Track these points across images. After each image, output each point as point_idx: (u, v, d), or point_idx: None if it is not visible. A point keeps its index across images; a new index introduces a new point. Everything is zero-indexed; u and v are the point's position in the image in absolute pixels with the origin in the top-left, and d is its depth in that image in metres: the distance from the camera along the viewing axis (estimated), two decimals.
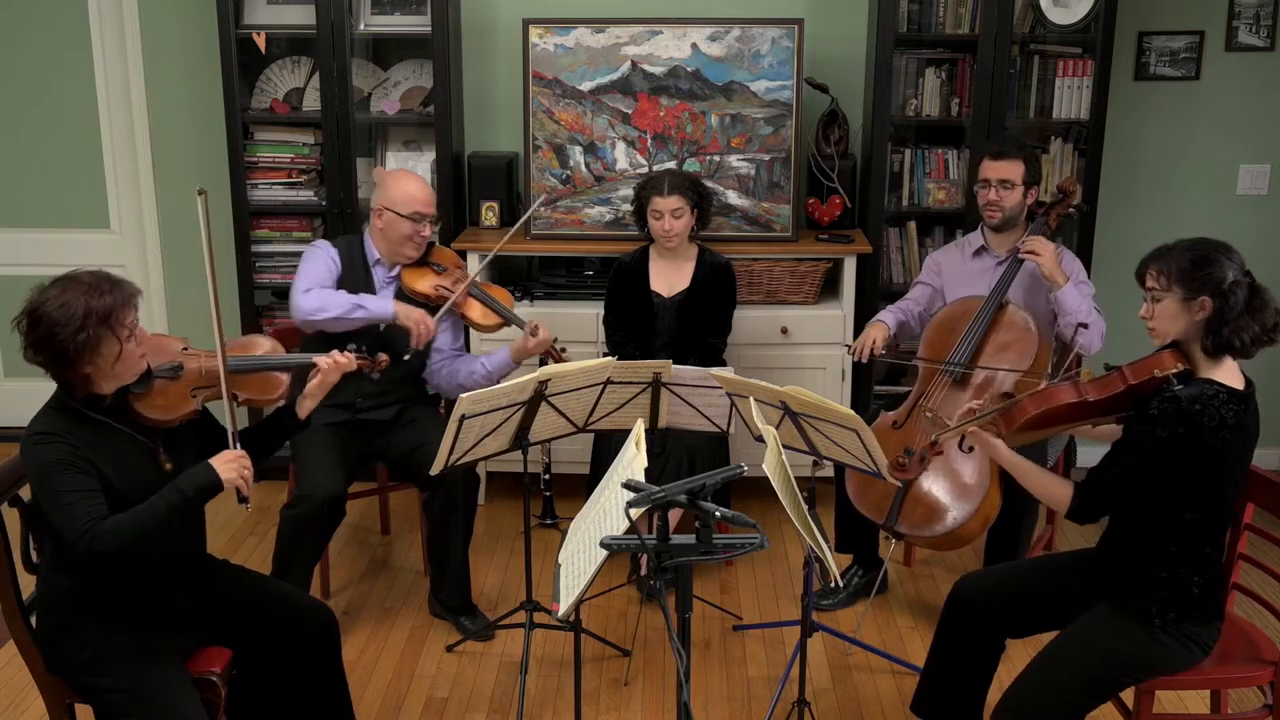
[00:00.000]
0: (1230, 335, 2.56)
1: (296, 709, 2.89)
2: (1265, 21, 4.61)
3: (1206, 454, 2.53)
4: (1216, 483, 2.59)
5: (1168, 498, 2.60)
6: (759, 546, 2.18)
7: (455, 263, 3.89)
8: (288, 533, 3.47)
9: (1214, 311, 2.56)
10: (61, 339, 2.46)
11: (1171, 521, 2.62)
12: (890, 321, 3.88)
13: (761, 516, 3.26)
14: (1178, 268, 2.58)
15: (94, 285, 2.51)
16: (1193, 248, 2.61)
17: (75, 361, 2.49)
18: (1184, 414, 2.52)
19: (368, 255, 3.77)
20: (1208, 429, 2.51)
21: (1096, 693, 2.71)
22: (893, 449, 3.53)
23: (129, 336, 2.54)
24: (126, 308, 2.53)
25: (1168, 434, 2.53)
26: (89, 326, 2.46)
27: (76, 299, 2.47)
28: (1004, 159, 3.74)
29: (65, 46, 4.83)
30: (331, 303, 3.57)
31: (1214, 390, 2.55)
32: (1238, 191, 4.79)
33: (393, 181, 3.72)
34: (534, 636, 3.53)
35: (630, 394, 3.46)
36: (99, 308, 2.48)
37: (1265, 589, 2.93)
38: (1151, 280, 2.64)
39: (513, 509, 4.61)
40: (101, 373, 2.54)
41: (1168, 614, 2.63)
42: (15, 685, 3.42)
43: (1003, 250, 3.81)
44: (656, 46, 4.37)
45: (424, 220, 3.69)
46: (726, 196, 4.44)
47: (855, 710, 3.39)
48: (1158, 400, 2.57)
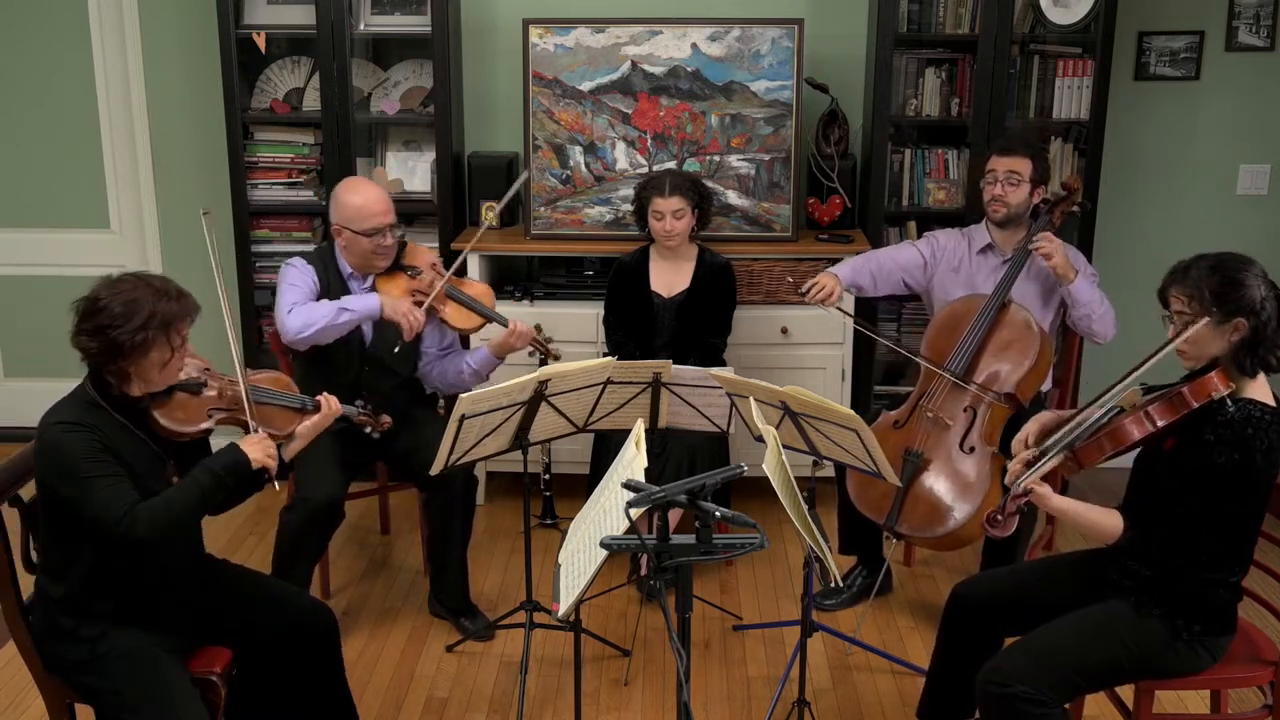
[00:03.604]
0: (1266, 354, 2.54)
1: (298, 710, 2.89)
2: (1265, 21, 4.62)
3: (1257, 478, 2.52)
4: (1256, 500, 2.58)
5: (1210, 517, 2.57)
6: (759, 546, 2.18)
7: (429, 262, 3.76)
8: (286, 535, 3.47)
9: (1249, 332, 2.53)
10: (120, 334, 2.49)
11: (1207, 537, 2.59)
12: (845, 276, 3.84)
13: (761, 516, 3.25)
14: (1209, 292, 2.53)
15: (163, 290, 2.57)
16: (1218, 268, 2.55)
17: (125, 357, 2.51)
18: (1240, 439, 2.50)
19: (341, 270, 3.68)
20: (1260, 452, 2.50)
21: (1098, 679, 2.70)
22: (894, 448, 3.54)
23: (183, 346, 2.59)
24: (185, 319, 2.59)
25: (1225, 460, 2.50)
26: (150, 328, 2.51)
27: (145, 298, 2.53)
28: (1012, 154, 3.74)
29: (65, 46, 4.83)
30: (315, 315, 3.50)
31: (1260, 412, 2.53)
32: (1238, 191, 4.79)
33: (344, 196, 3.59)
34: (534, 636, 3.53)
35: (630, 394, 3.46)
36: (164, 312, 2.53)
37: (1265, 589, 2.93)
38: (1179, 304, 2.57)
39: (513, 509, 4.61)
40: (143, 374, 2.57)
41: (1194, 626, 2.63)
42: (15, 685, 3.42)
43: (1009, 248, 3.80)
44: (656, 46, 4.37)
45: (383, 231, 3.58)
46: (726, 196, 4.44)
47: (855, 710, 3.39)
48: (1212, 426, 2.54)
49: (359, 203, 3.57)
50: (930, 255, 3.93)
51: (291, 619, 2.83)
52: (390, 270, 3.68)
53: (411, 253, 3.76)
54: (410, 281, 3.68)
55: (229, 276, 4.62)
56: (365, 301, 3.56)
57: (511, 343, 3.67)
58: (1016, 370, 3.57)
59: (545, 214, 4.50)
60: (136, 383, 2.59)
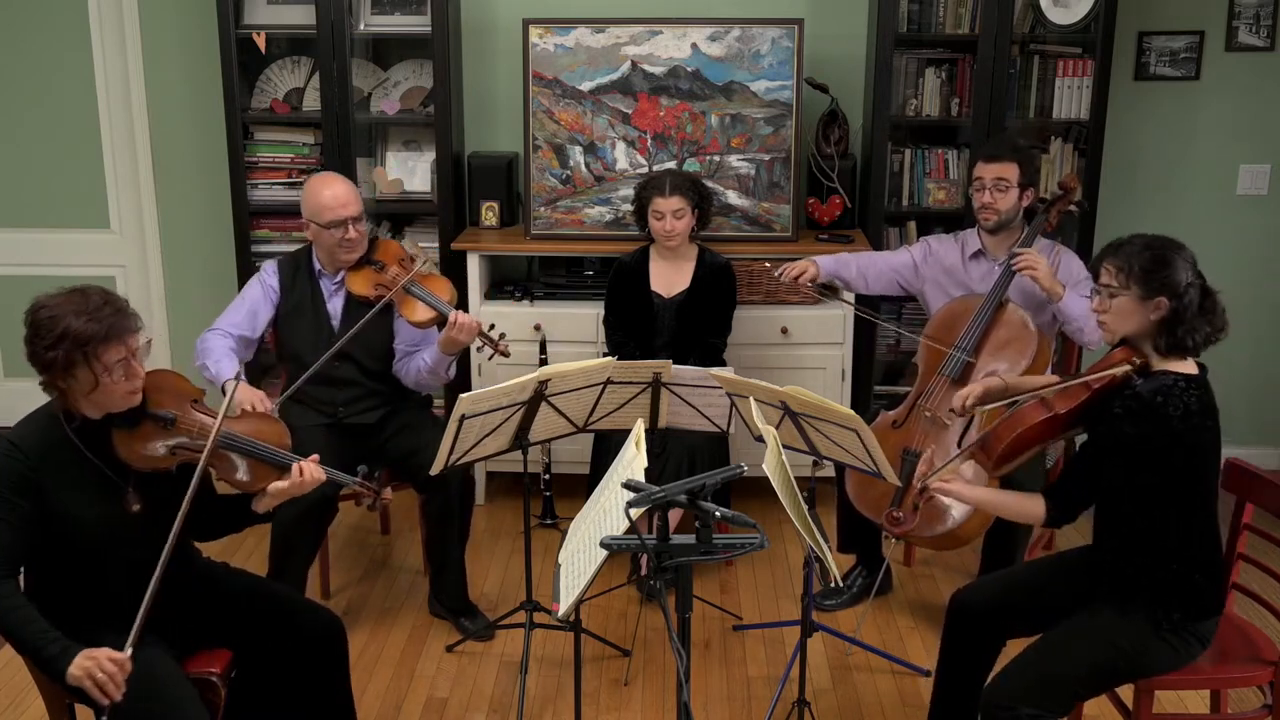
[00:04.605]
0: (1184, 335, 2.60)
1: (299, 711, 2.88)
2: (1265, 21, 4.61)
3: (1179, 444, 2.55)
4: (1195, 469, 2.60)
5: (1151, 494, 2.61)
6: (759, 546, 2.19)
7: (397, 256, 3.71)
8: (280, 534, 3.46)
9: (1169, 312, 2.59)
10: (36, 348, 2.43)
11: (1160, 518, 2.62)
12: (826, 265, 3.92)
13: (761, 516, 3.25)
14: (1138, 266, 2.60)
15: (89, 310, 2.43)
16: (1150, 246, 2.63)
17: (45, 372, 2.46)
18: (1149, 407, 2.54)
19: (313, 268, 3.71)
20: (1175, 418, 2.53)
21: (1096, 684, 2.71)
22: (892, 448, 3.53)
23: (107, 372, 2.44)
24: (110, 343, 2.43)
25: (1135, 430, 2.55)
26: (61, 347, 2.40)
27: (64, 315, 2.41)
28: (998, 160, 3.71)
29: (65, 46, 4.83)
30: (202, 351, 3.54)
31: (1172, 380, 2.58)
32: (1238, 191, 4.79)
33: (309, 193, 3.63)
34: (534, 636, 3.53)
35: (630, 394, 3.46)
36: (77, 332, 2.40)
37: (1265, 589, 2.93)
38: (1108, 276, 2.65)
39: (513, 509, 4.61)
40: (76, 396, 2.49)
41: (1173, 615, 2.63)
42: (15, 685, 3.42)
43: (1000, 253, 3.79)
44: (656, 46, 4.37)
45: (345, 224, 3.58)
46: (726, 196, 4.44)
47: (855, 710, 3.39)
48: (1120, 399, 2.60)
49: (322, 198, 3.60)
50: (921, 259, 3.94)
51: (292, 622, 2.82)
52: (358, 265, 3.68)
53: (382, 248, 3.74)
54: (375, 275, 3.66)
55: (228, 277, 4.63)
56: (219, 369, 3.50)
57: (455, 336, 3.53)
58: (1014, 369, 3.57)
59: (545, 214, 4.50)
60: (79, 402, 2.50)
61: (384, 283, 3.63)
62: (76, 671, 2.38)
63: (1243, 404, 4.79)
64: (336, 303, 3.70)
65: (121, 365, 2.47)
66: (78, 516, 2.53)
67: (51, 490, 2.50)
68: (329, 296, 3.70)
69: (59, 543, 2.54)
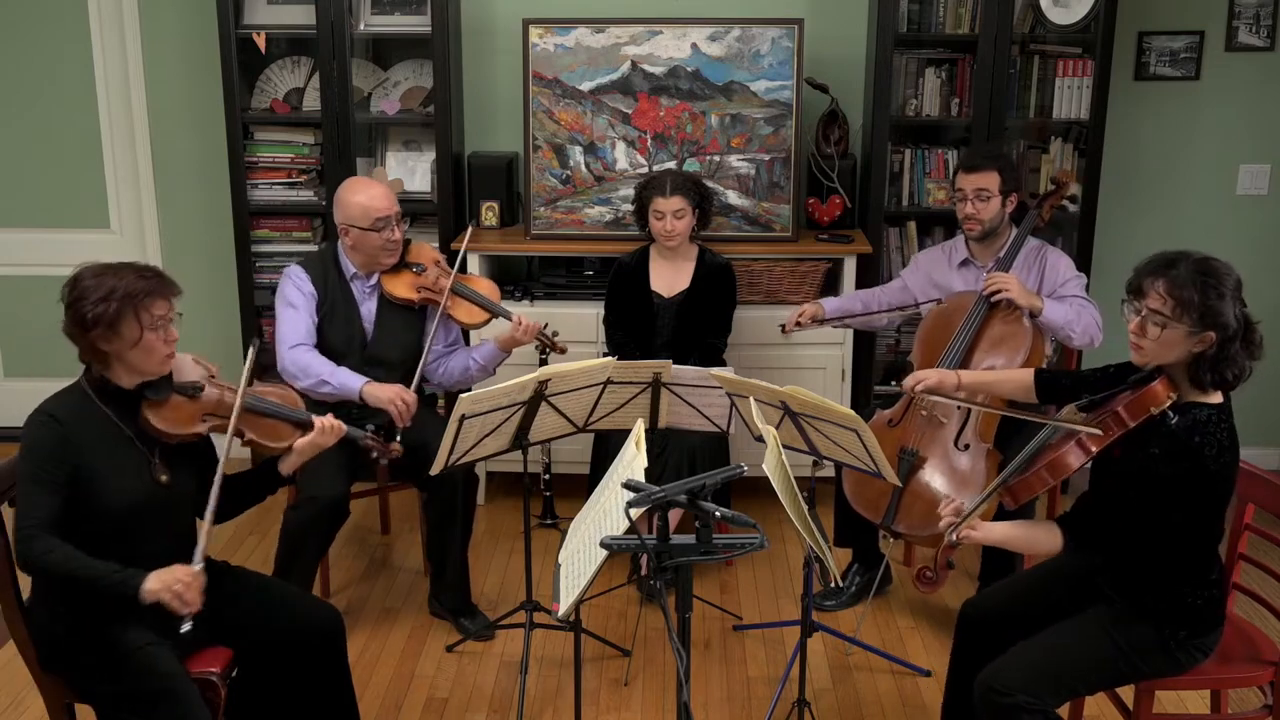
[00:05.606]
0: (1225, 369, 2.50)
1: (300, 711, 2.88)
2: (1265, 21, 4.62)
3: (1211, 481, 2.51)
4: (1219, 499, 2.57)
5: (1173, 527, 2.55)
6: (759, 546, 2.19)
7: (434, 259, 3.78)
8: (291, 534, 3.47)
9: (1215, 347, 2.49)
10: (85, 305, 2.52)
11: (1174, 544, 2.58)
12: (830, 308, 3.97)
13: (761, 516, 3.25)
14: (1196, 299, 2.45)
15: (137, 271, 2.60)
16: (1204, 272, 2.48)
17: (91, 329, 2.53)
18: (1186, 449, 2.48)
19: (344, 270, 3.70)
20: (1210, 458, 2.49)
21: (1097, 682, 2.71)
22: (889, 446, 3.53)
23: (153, 326, 2.58)
24: (156, 297, 2.58)
25: (1170, 471, 2.49)
26: (113, 299, 2.53)
27: (113, 275, 2.56)
28: (977, 171, 3.71)
29: (65, 46, 4.83)
30: (307, 372, 3.52)
31: (1205, 415, 2.52)
32: (1238, 191, 4.79)
33: (347, 196, 3.63)
34: (534, 636, 3.53)
35: (630, 394, 3.46)
36: (128, 287, 2.55)
37: (1265, 589, 2.93)
38: (1158, 303, 2.49)
39: (513, 509, 4.61)
40: (119, 355, 2.58)
41: (1180, 633, 2.62)
42: (15, 685, 3.42)
43: (987, 259, 3.80)
44: (656, 46, 4.37)
45: (389, 224, 3.61)
46: (726, 196, 4.44)
47: (855, 710, 3.39)
48: (1155, 438, 2.53)
49: (363, 199, 3.61)
50: (909, 275, 4.00)
51: (294, 620, 2.82)
52: (395, 268, 3.71)
53: (415, 250, 3.80)
54: (416, 278, 3.71)
55: (228, 276, 4.63)
56: (347, 381, 3.53)
57: (519, 337, 3.70)
58: (1009, 366, 3.57)
59: (545, 214, 4.50)
60: (118, 367, 2.61)
61: (426, 285, 3.69)
62: (153, 585, 2.48)
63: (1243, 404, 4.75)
64: (370, 305, 3.70)
65: (164, 322, 2.60)
66: (111, 487, 2.59)
67: (86, 460, 2.58)
68: (362, 300, 3.70)
69: (91, 513, 2.59)
